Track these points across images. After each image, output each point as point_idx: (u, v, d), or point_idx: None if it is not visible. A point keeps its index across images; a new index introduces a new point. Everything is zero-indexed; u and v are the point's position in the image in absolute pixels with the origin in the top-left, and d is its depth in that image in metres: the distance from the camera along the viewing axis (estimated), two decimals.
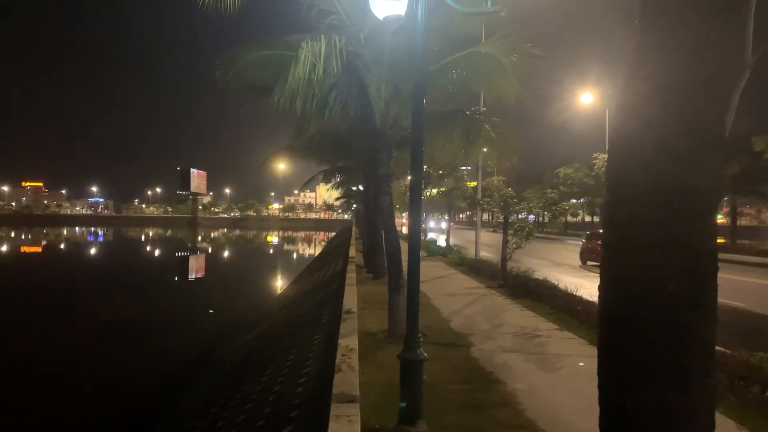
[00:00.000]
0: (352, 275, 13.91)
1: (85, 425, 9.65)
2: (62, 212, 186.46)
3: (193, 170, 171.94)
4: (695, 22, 2.49)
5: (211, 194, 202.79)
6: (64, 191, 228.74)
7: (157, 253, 62.62)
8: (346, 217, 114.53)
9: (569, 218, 74.57)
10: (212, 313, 19.30)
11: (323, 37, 7.87)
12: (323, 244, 61.33)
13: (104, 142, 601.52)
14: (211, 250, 65.85)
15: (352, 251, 22.92)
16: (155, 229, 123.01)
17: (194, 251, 62.09)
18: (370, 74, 9.07)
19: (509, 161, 12.50)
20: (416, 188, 5.83)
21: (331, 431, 3.90)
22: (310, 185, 30.93)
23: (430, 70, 8.46)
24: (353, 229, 51.13)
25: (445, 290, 14.55)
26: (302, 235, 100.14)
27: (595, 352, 2.86)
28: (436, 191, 32.39)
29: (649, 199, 2.53)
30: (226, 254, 60.36)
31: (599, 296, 2.78)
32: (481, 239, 25.52)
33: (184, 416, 8.67)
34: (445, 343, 8.56)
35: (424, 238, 29.38)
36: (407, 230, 6.21)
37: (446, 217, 42.16)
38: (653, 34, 2.62)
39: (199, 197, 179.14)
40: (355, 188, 33.20)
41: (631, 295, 2.57)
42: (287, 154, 19.52)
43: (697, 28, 2.49)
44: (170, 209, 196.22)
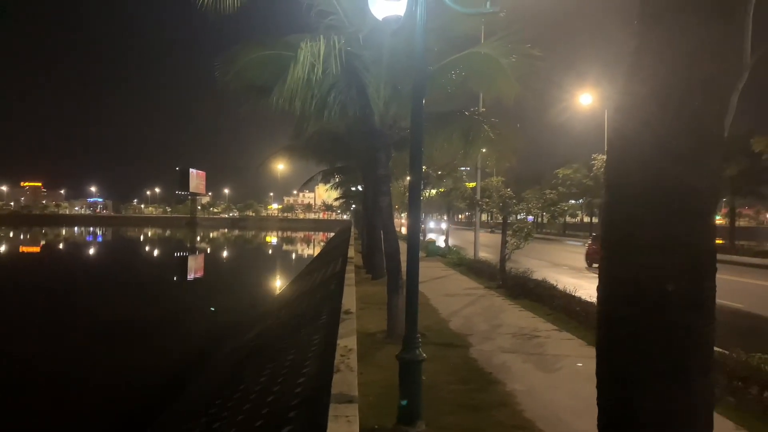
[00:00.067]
0: (351, 275, 13.92)
1: (83, 425, 9.64)
2: (61, 212, 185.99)
3: (192, 170, 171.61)
4: (694, 23, 2.49)
5: (210, 194, 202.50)
6: (62, 191, 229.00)
7: (155, 253, 62.57)
8: (345, 217, 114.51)
9: (568, 219, 74.66)
10: (214, 311, 19.26)
11: (322, 37, 7.87)
12: (322, 244, 61.31)
13: (103, 142, 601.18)
14: (209, 250, 65.76)
15: (351, 251, 22.91)
16: (154, 229, 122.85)
17: (193, 251, 62.01)
18: (369, 75, 9.07)
19: (508, 162, 12.53)
20: (415, 189, 5.84)
21: (329, 431, 3.90)
22: (309, 185, 30.92)
23: (429, 70, 8.46)
24: (352, 229, 51.13)
25: (443, 291, 14.55)
26: (301, 235, 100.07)
27: (593, 352, 2.86)
28: (435, 192, 32.41)
29: (648, 199, 2.53)
30: (224, 254, 60.31)
31: (598, 296, 2.78)
32: (480, 240, 25.52)
33: (182, 416, 8.66)
34: (443, 343, 8.56)
35: (423, 238, 29.38)
36: (406, 230, 6.22)
37: (445, 217, 42.20)
38: (652, 35, 2.62)
39: (198, 197, 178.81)
40: (354, 188, 33.21)
41: (629, 295, 2.58)
42: (286, 154, 19.53)
43: (696, 29, 2.49)
44: (169, 209, 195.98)
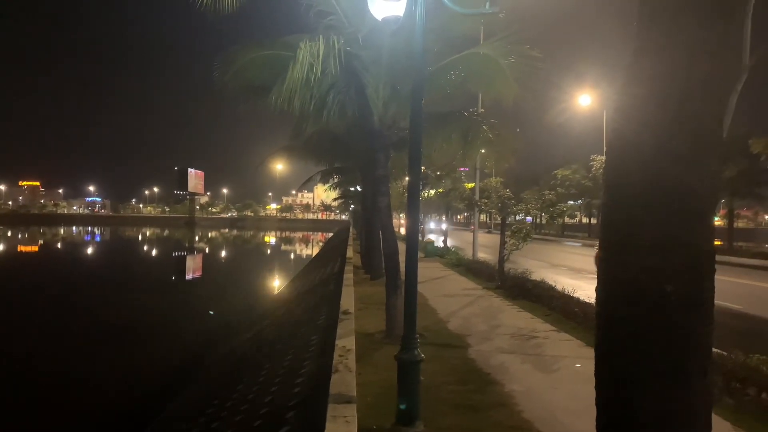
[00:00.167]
0: (349, 276, 13.91)
1: (82, 425, 9.62)
2: (59, 212, 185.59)
3: (190, 170, 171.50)
4: (693, 24, 2.49)
5: (208, 194, 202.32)
6: (61, 190, 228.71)
7: (154, 252, 62.51)
8: (343, 217, 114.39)
9: (567, 220, 74.68)
10: (212, 314, 19.20)
11: (322, 37, 7.87)
12: (321, 244, 61.29)
13: (102, 141, 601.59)
14: (208, 250, 65.69)
15: (349, 252, 22.90)
16: (152, 228, 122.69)
17: (191, 251, 61.95)
18: (368, 75, 9.07)
19: (507, 162, 12.56)
20: (414, 189, 5.83)
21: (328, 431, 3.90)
22: (307, 186, 30.92)
23: (428, 71, 8.47)
24: (351, 229, 51.13)
25: (442, 291, 14.55)
26: (300, 235, 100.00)
27: (592, 353, 2.86)
28: (433, 192, 32.46)
29: (647, 199, 2.53)
30: (223, 254, 60.25)
31: (597, 297, 2.78)
32: (478, 240, 25.52)
33: (179, 416, 8.65)
34: (442, 344, 8.56)
35: (421, 238, 29.38)
36: (405, 231, 6.20)
37: (444, 218, 42.22)
38: (651, 36, 2.62)
39: (196, 197, 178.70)
40: (353, 189, 33.25)
41: (629, 295, 2.57)
42: (285, 154, 19.52)
43: (695, 30, 2.49)
44: (167, 209, 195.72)
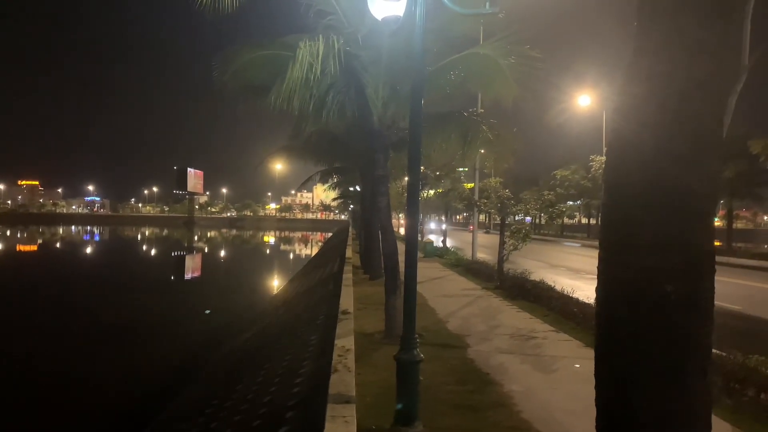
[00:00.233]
0: (348, 276, 13.90)
1: (82, 425, 9.61)
2: (58, 211, 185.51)
3: (189, 169, 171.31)
4: (693, 25, 2.49)
5: (207, 194, 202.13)
6: (60, 190, 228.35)
7: (153, 252, 62.46)
8: (343, 217, 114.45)
9: (566, 220, 74.67)
10: (209, 313, 19.18)
11: (321, 37, 7.86)
12: (320, 244, 61.28)
13: (101, 141, 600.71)
14: (207, 249, 65.67)
15: (348, 252, 22.88)
16: (152, 228, 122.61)
17: (191, 251, 61.93)
18: (367, 75, 9.06)
19: (506, 163, 12.58)
20: (413, 189, 5.83)
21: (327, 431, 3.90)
22: (307, 185, 30.94)
23: (428, 71, 8.46)
24: (350, 229, 51.12)
25: (441, 291, 14.55)
26: (299, 235, 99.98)
27: (591, 354, 2.86)
28: (433, 192, 32.45)
29: (647, 200, 2.53)
30: (222, 254, 60.21)
31: (597, 297, 2.78)
32: (477, 240, 25.51)
33: (178, 416, 8.64)
34: (441, 344, 8.56)
35: (421, 238, 29.37)
36: (404, 231, 6.21)
37: (443, 218, 42.25)
38: (651, 36, 2.62)
39: (195, 197, 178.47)
40: (352, 189, 33.26)
41: (629, 296, 2.57)
42: (284, 154, 19.54)
43: (694, 31, 2.49)
44: (167, 209, 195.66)
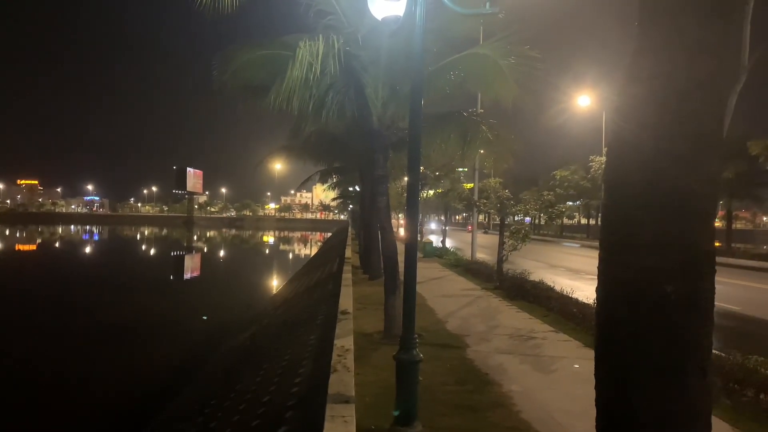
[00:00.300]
0: (348, 276, 13.90)
1: (82, 425, 9.61)
2: (57, 210, 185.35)
3: (189, 169, 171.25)
4: (693, 25, 2.49)
5: (207, 193, 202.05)
6: (59, 189, 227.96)
7: (152, 252, 62.43)
8: (342, 217, 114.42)
9: (565, 221, 74.70)
10: (206, 319, 19.03)
11: (321, 37, 7.85)
12: (319, 244, 61.27)
13: (100, 140, 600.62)
14: (206, 249, 65.63)
15: (348, 252, 22.88)
16: (151, 228, 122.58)
17: (190, 251, 61.91)
18: (367, 75, 9.06)
19: (506, 163, 12.53)
20: (413, 189, 5.83)
21: (326, 431, 3.90)
22: (306, 185, 30.92)
23: (427, 71, 8.46)
24: (349, 229, 51.12)
25: (440, 291, 14.55)
26: (298, 235, 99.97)
27: (590, 354, 2.86)
28: (432, 192, 32.45)
29: (647, 200, 2.53)
30: (221, 254, 60.19)
31: (597, 297, 2.78)
32: (477, 240, 25.52)
33: (177, 416, 8.64)
34: (440, 344, 8.57)
35: (420, 238, 29.37)
36: (404, 231, 6.21)
37: (443, 218, 42.26)
38: (651, 36, 2.62)
39: (195, 196, 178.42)
40: (351, 189, 33.26)
41: (628, 296, 2.57)
42: (284, 154, 19.51)
43: (694, 31, 2.49)
44: (166, 208, 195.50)
